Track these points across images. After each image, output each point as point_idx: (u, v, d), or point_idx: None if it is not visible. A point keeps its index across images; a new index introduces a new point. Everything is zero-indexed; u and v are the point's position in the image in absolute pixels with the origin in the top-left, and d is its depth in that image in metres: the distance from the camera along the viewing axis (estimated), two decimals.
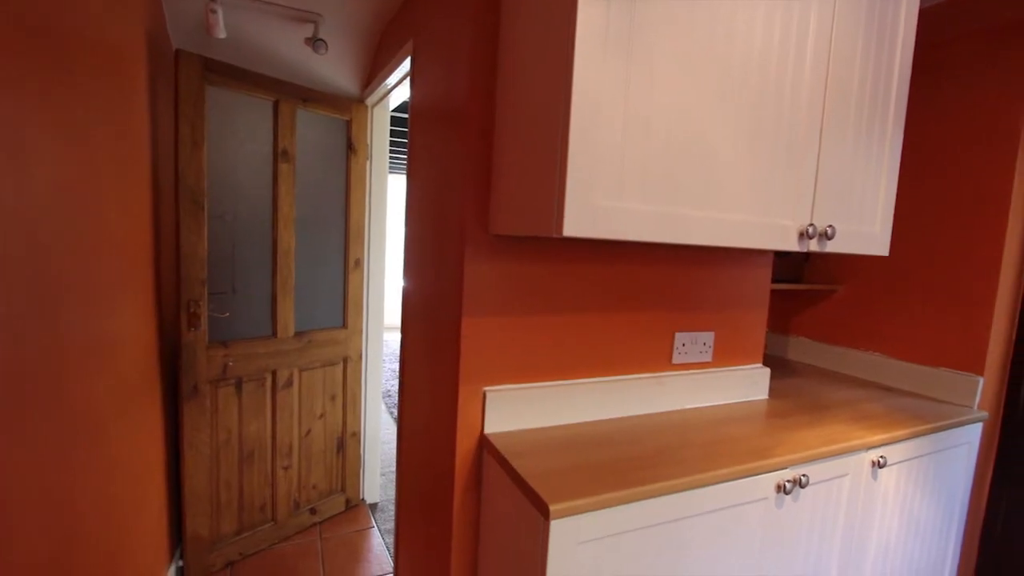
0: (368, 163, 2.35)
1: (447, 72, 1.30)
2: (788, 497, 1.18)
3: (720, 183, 1.04)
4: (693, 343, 1.45)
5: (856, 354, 1.93)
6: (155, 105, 1.71)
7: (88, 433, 1.20)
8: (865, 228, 1.27)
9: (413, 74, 1.63)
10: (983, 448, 1.64)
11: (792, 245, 1.15)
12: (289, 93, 2.03)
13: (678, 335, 1.42)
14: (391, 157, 5.24)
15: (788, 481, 1.15)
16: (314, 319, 2.23)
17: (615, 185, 0.93)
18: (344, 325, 2.33)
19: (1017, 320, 1.63)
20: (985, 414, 1.58)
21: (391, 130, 3.54)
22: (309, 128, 2.13)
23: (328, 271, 2.27)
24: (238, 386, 1.99)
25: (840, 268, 2.00)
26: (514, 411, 1.23)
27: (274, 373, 2.09)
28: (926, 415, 1.49)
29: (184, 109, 1.75)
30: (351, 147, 2.27)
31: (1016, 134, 1.52)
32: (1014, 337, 1.63)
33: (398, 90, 2.16)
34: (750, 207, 1.08)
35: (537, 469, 1.03)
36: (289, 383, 2.14)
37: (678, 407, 1.43)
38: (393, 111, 3.05)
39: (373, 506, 2.54)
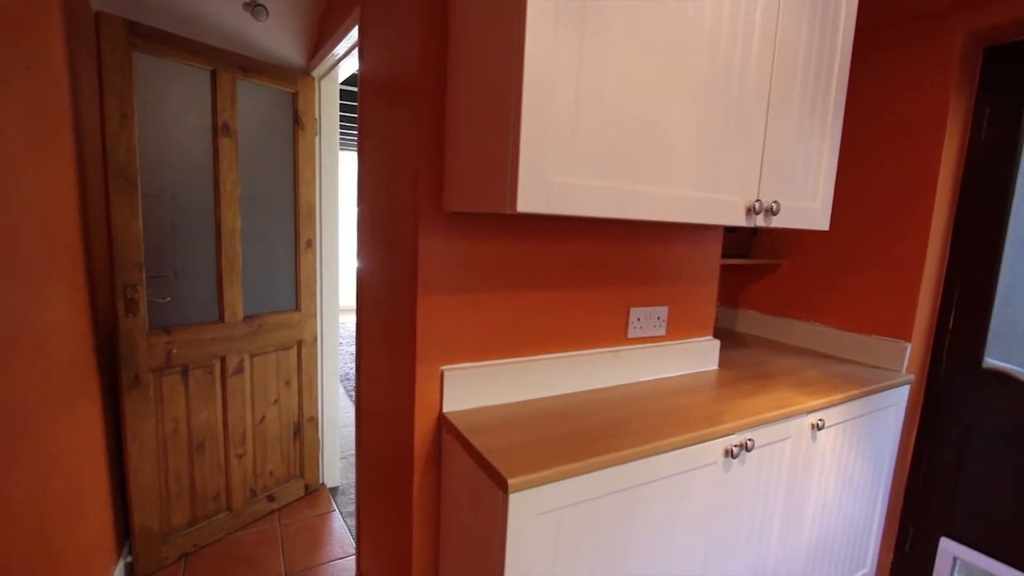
0: (317, 139, 2.25)
1: (396, 43, 1.25)
2: (735, 461, 1.24)
3: (671, 160, 1.05)
4: (648, 317, 1.49)
5: (799, 325, 2.03)
6: (76, 75, 1.57)
7: (15, 430, 1.11)
8: (807, 204, 1.33)
9: (361, 44, 1.56)
10: (909, 408, 1.78)
11: (740, 220, 1.18)
12: (228, 62, 1.91)
13: (633, 310, 1.45)
14: (342, 133, 5.04)
15: (735, 446, 1.21)
16: (265, 302, 2.14)
17: (568, 161, 0.92)
18: (297, 308, 2.26)
19: (941, 290, 1.75)
20: (911, 377, 1.70)
21: (341, 104, 3.40)
22: (252, 101, 2.02)
23: (278, 252, 2.18)
24: (184, 374, 1.90)
25: (785, 243, 2.09)
26: (472, 389, 1.23)
27: (223, 359, 2.01)
28: (860, 380, 1.59)
29: (109, 78, 1.61)
30: (298, 122, 2.16)
31: (944, 116, 1.61)
32: (938, 306, 1.76)
33: (347, 61, 2.06)
34: (700, 183, 1.10)
35: (496, 445, 1.03)
36: (240, 369, 2.07)
37: (634, 380, 1.47)
38: (343, 84, 2.93)
39: (334, 490, 2.51)
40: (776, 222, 1.25)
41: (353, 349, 4.85)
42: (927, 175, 1.65)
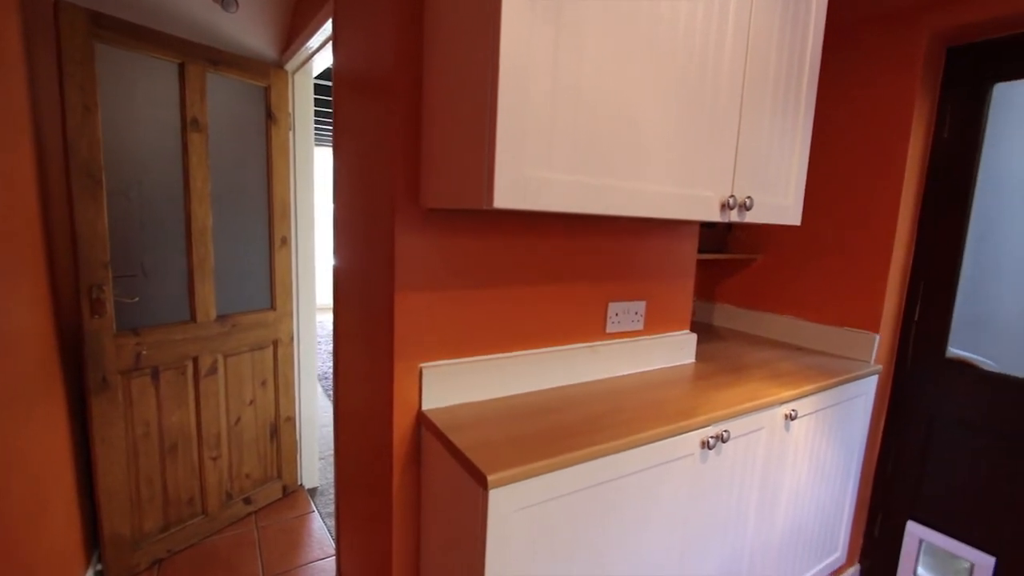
0: (291, 134, 2.20)
1: (371, 36, 1.23)
2: (711, 452, 1.26)
3: (648, 155, 1.06)
4: (626, 312, 1.50)
5: (773, 318, 2.08)
6: (34, 66, 1.51)
7: None
8: (780, 200, 1.35)
9: (335, 38, 1.53)
10: (878, 397, 1.83)
11: (714, 216, 1.20)
12: (197, 55, 1.85)
13: (611, 305, 1.47)
14: (317, 128, 4.95)
15: (711, 437, 1.23)
16: (238, 301, 2.10)
17: (545, 157, 0.92)
18: (272, 307, 2.21)
19: (908, 283, 1.81)
20: (879, 367, 1.76)
21: (316, 99, 3.34)
22: (223, 95, 1.96)
23: (252, 250, 2.13)
24: (155, 375, 1.85)
25: (759, 238, 2.13)
26: (451, 386, 1.22)
27: (196, 360, 1.96)
28: (831, 370, 1.63)
29: (69, 69, 1.55)
30: (271, 116, 2.12)
31: (909, 115, 1.66)
32: (905, 298, 1.82)
33: (321, 55, 2.03)
34: (676, 179, 1.11)
35: (475, 441, 1.03)
36: (213, 370, 2.02)
37: (612, 374, 1.49)
38: (317, 78, 2.88)
39: (313, 491, 2.48)
40: (750, 217, 1.27)
41: (331, 348, 4.78)
42: (893, 172, 1.70)
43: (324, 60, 2.09)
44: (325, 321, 5.58)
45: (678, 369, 1.58)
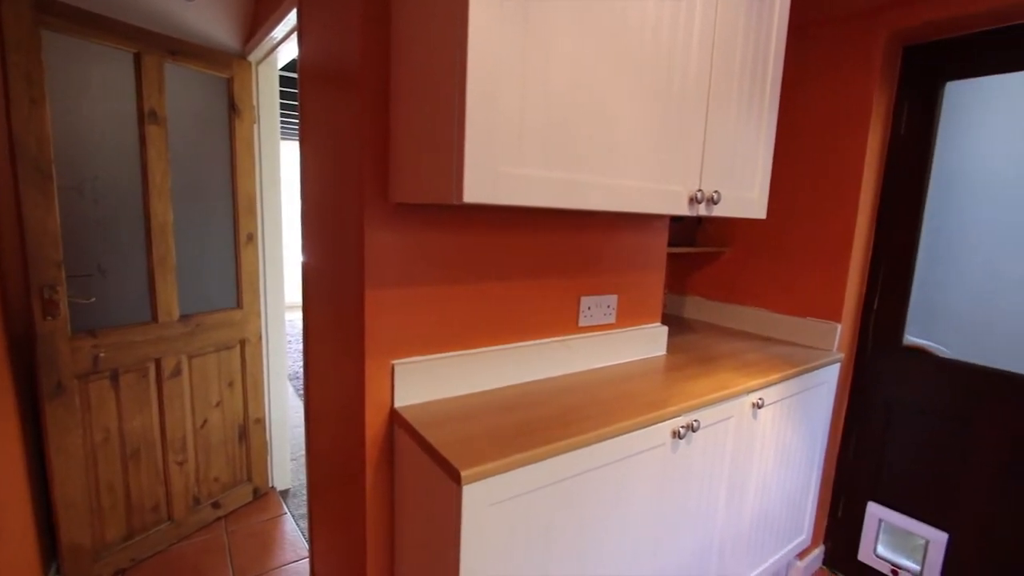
0: (256, 127, 2.14)
1: (336, 27, 1.20)
2: (682, 442, 1.28)
3: (617, 150, 1.07)
4: (598, 306, 1.51)
5: (741, 309, 2.13)
6: None
7: None
8: (746, 193, 1.38)
9: (300, 28, 1.49)
10: (840, 384, 1.90)
11: (683, 209, 1.22)
12: (153, 44, 1.78)
13: (583, 299, 1.48)
14: (283, 121, 4.82)
15: (682, 427, 1.25)
16: (203, 301, 2.03)
17: (515, 151, 0.92)
18: (239, 305, 2.15)
19: (867, 274, 1.88)
20: (841, 355, 1.82)
21: (282, 91, 3.25)
22: (183, 86, 1.89)
23: (216, 247, 2.07)
24: (114, 379, 1.78)
25: (727, 232, 2.17)
26: (424, 383, 1.21)
27: (158, 362, 1.89)
28: (796, 360, 1.68)
29: (13, 59, 1.47)
30: (234, 109, 2.05)
31: (868, 111, 1.71)
32: (864, 288, 1.89)
33: (286, 46, 1.97)
34: (645, 174, 1.13)
35: (449, 438, 1.03)
36: (177, 372, 1.95)
37: (585, 368, 1.50)
38: (282, 70, 2.80)
39: (285, 492, 2.43)
40: (717, 211, 1.30)
41: (301, 347, 4.69)
42: (853, 167, 1.76)
43: (290, 51, 2.04)
44: (295, 319, 5.46)
45: (650, 361, 1.61)
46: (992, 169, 1.60)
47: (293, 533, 2.13)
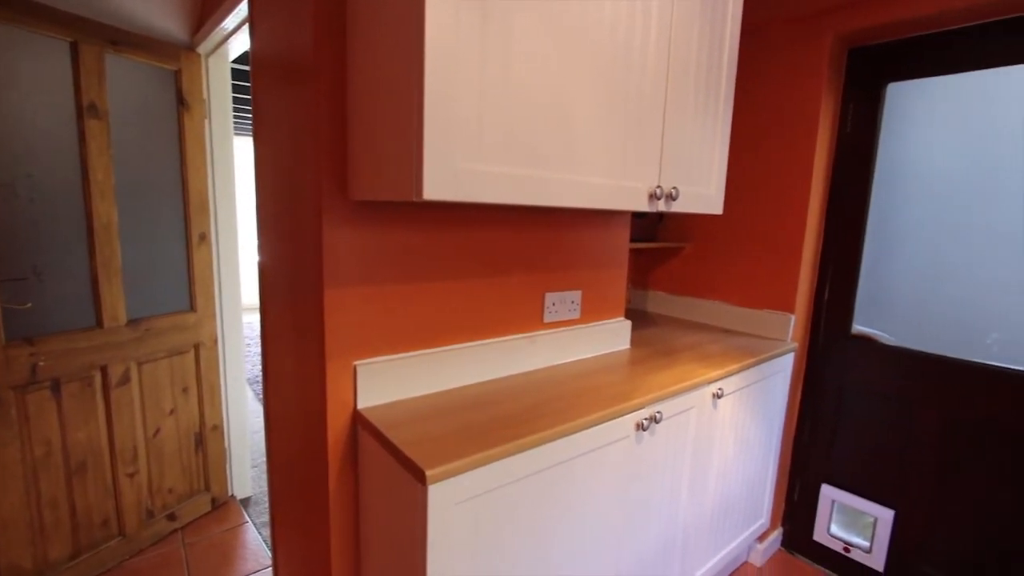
0: (207, 122, 2.05)
1: (290, 17, 1.16)
2: (646, 433, 1.31)
3: (578, 147, 1.07)
4: (562, 302, 1.52)
5: (702, 303, 2.18)
6: None
7: None
8: (703, 190, 1.42)
9: (252, 18, 1.43)
10: (795, 373, 1.98)
11: (643, 206, 1.24)
12: (92, 33, 1.68)
13: (548, 295, 1.48)
14: (238, 116, 4.64)
15: (645, 419, 1.28)
16: (153, 304, 1.94)
17: (475, 147, 0.91)
18: (192, 308, 2.06)
19: (818, 266, 1.96)
20: (795, 345, 1.89)
21: (235, 85, 3.13)
22: (126, 79, 1.79)
23: (166, 248, 1.97)
24: (55, 389, 1.68)
25: (688, 228, 2.23)
26: (388, 383, 1.19)
27: (104, 369, 1.79)
28: (753, 350, 1.74)
29: None
30: (183, 103, 1.96)
31: (817, 111, 1.78)
32: (815, 281, 1.97)
33: (238, 37, 1.89)
34: (605, 170, 1.14)
35: (413, 437, 1.01)
36: (126, 379, 1.86)
37: (550, 363, 1.51)
38: (235, 62, 2.69)
39: (246, 501, 2.35)
40: (676, 207, 1.33)
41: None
42: (803, 164, 1.83)
43: (242, 43, 1.96)
44: (254, 322, 5.29)
45: (614, 355, 1.63)
46: (930, 165, 1.70)
47: (255, 542, 2.06)
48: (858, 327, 1.89)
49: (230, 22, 1.75)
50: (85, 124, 1.68)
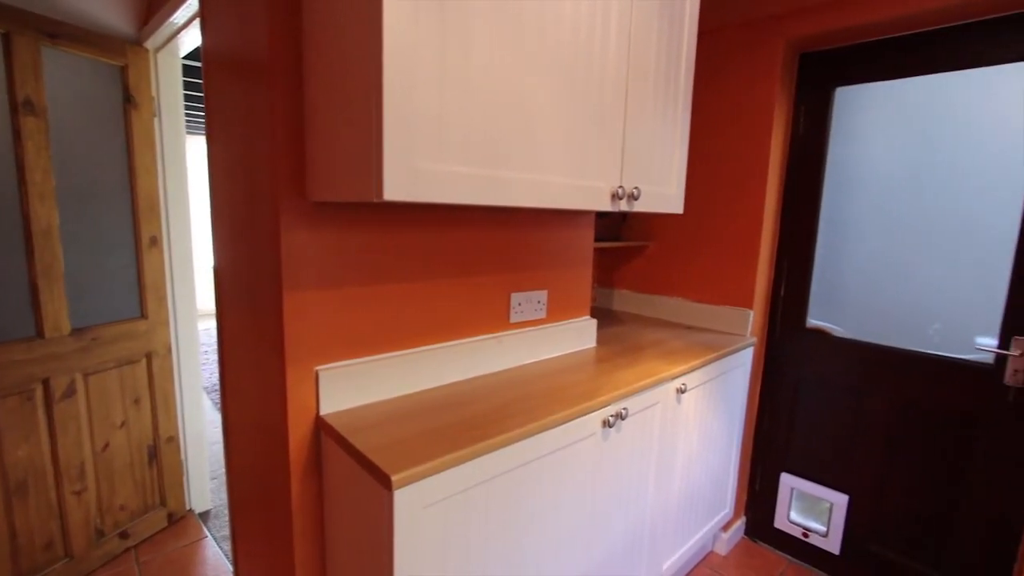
0: (156, 120, 1.96)
1: (243, 12, 1.12)
2: (612, 430, 1.33)
3: (540, 147, 1.08)
4: (528, 302, 1.53)
5: (665, 300, 2.23)
6: None
7: None
8: (664, 190, 1.45)
9: (203, 12, 1.38)
10: (754, 366, 2.05)
11: (606, 205, 1.25)
12: (26, 24, 1.58)
13: (514, 295, 1.48)
14: (190, 115, 4.47)
15: (612, 416, 1.29)
16: (100, 312, 1.84)
17: (436, 147, 0.90)
18: (143, 315, 1.97)
19: (774, 263, 2.03)
20: (754, 339, 1.96)
21: (187, 82, 3.01)
22: (67, 74, 1.69)
23: (114, 253, 1.88)
24: None
25: (651, 227, 2.27)
26: (352, 387, 1.16)
27: (46, 382, 1.69)
28: (715, 345, 1.79)
29: None
30: (130, 100, 1.87)
31: (771, 112, 1.85)
32: (772, 277, 2.04)
33: (190, 32, 1.82)
34: (569, 170, 1.15)
35: (378, 442, 0.99)
36: (71, 392, 1.75)
37: (517, 363, 1.51)
38: (187, 58, 2.58)
39: (205, 514, 2.26)
40: (638, 206, 1.35)
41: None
42: (759, 164, 1.90)
43: (193, 38, 1.88)
44: (211, 328, 5.09)
45: (580, 354, 1.65)
46: (876, 167, 1.78)
47: (215, 557, 1.98)
48: (812, 321, 1.97)
49: (180, 16, 1.68)
50: (20, 121, 1.58)
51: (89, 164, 1.78)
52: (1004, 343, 1.54)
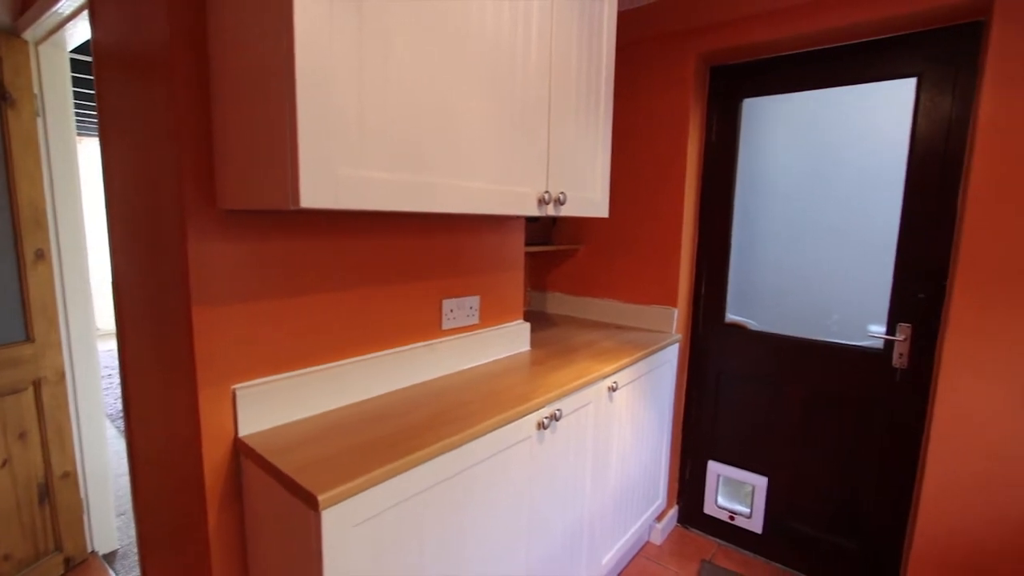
0: (39, 121, 1.76)
1: (138, 3, 1.03)
2: (547, 432, 1.34)
3: (465, 152, 1.07)
4: (460, 308, 1.51)
5: (597, 302, 2.30)
6: None
7: None
8: (589, 195, 1.49)
9: (92, 2, 1.26)
10: (680, 361, 2.15)
11: (533, 210, 1.27)
12: None
13: (446, 301, 1.47)
14: (83, 115, 4.05)
15: (546, 418, 1.31)
16: None
17: (356, 153, 0.87)
18: (29, 338, 1.75)
19: (695, 263, 2.15)
20: (679, 336, 2.06)
21: (78, 78, 2.73)
22: None
23: None
24: None
25: (580, 231, 2.33)
26: (274, 405, 1.10)
27: None
28: (643, 343, 1.86)
29: None
30: (6, 98, 1.66)
31: (686, 121, 1.96)
32: (693, 276, 2.16)
33: (77, 24, 1.65)
34: (494, 176, 1.15)
35: (304, 462, 0.94)
36: None
37: (452, 370, 1.49)
38: (75, 53, 2.35)
39: (111, 555, 2.04)
40: (564, 211, 1.38)
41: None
42: (676, 171, 2.00)
43: (83, 31, 1.71)
44: (113, 349, 4.64)
45: (515, 358, 1.66)
46: (780, 173, 1.94)
47: None
48: (731, 316, 2.10)
49: (65, 6, 1.52)
50: None
51: None
52: (891, 329, 1.72)
